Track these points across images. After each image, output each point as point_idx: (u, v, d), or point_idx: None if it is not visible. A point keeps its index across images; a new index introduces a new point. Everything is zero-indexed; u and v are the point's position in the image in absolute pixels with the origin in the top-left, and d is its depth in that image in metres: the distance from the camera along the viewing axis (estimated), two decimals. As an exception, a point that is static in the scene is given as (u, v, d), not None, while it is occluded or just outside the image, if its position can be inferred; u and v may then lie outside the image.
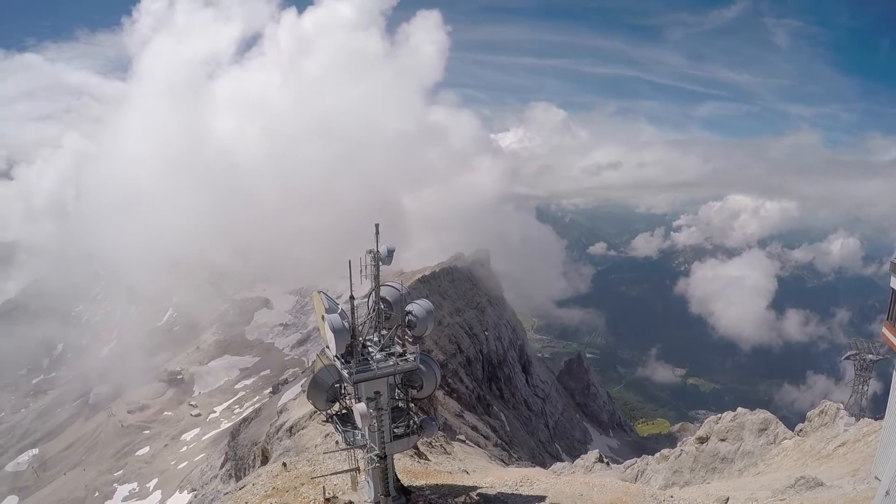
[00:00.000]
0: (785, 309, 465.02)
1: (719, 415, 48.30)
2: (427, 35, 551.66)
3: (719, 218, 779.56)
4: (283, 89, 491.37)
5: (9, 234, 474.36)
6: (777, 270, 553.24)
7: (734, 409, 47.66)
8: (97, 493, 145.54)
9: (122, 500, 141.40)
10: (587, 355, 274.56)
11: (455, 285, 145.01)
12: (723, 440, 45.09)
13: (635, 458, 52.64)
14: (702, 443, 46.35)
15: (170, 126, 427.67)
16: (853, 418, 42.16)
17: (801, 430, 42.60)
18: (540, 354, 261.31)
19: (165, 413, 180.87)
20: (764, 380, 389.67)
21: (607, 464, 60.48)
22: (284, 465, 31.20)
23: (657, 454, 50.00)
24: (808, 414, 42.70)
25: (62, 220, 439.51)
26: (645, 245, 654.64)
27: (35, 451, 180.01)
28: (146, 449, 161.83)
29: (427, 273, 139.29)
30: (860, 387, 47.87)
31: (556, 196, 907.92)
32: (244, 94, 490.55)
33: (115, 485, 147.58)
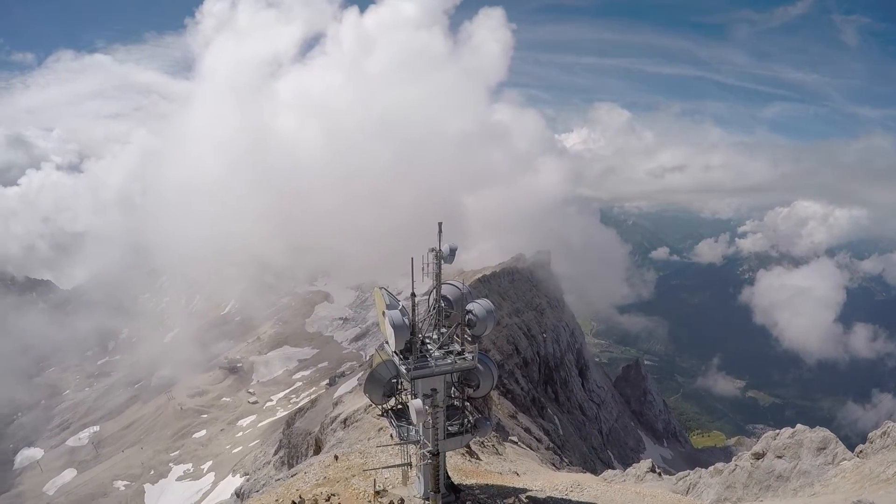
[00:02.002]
0: (852, 323, 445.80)
1: (777, 430, 46.76)
2: (491, 33, 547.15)
3: (786, 225, 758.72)
4: (345, 88, 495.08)
5: (78, 224, 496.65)
6: (846, 282, 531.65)
7: (794, 425, 46.14)
8: (153, 471, 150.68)
9: (177, 480, 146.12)
10: (645, 362, 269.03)
11: (515, 286, 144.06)
12: (779, 457, 43.60)
13: (688, 471, 51.41)
14: (758, 458, 44.88)
15: (232, 124, 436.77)
16: (918, 441, 40.36)
17: (861, 452, 40.76)
18: (597, 359, 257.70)
19: (224, 399, 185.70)
20: (827, 396, 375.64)
21: (659, 474, 59.32)
22: (336, 457, 31.74)
23: (711, 467, 48.66)
24: (870, 435, 40.82)
25: (129, 213, 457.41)
26: (709, 251, 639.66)
27: (96, 428, 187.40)
28: (203, 432, 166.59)
29: (487, 273, 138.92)
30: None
31: (619, 199, 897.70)
32: (306, 94, 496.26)
33: (170, 464, 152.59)
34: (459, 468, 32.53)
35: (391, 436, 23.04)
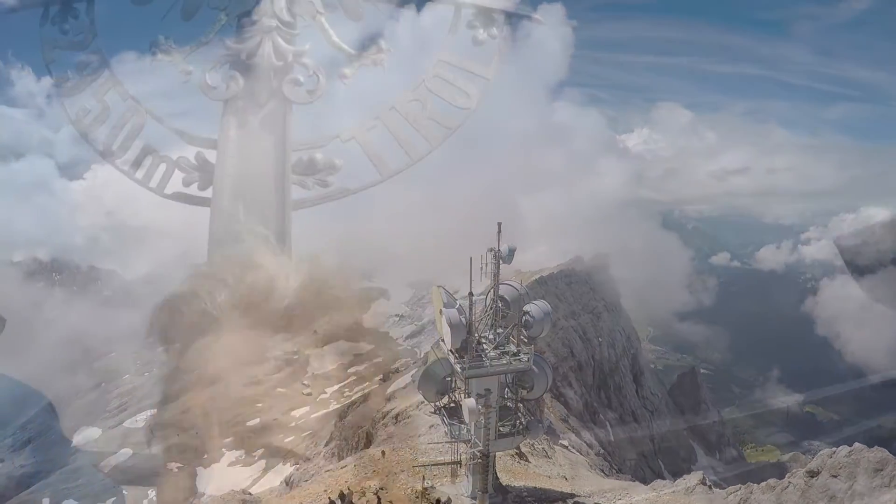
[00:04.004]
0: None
1: (834, 449, 45.18)
2: (550, 30, 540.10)
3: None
4: (401, 85, 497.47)
5: (141, 219, 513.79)
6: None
7: (852, 444, 44.51)
8: (206, 456, 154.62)
9: (228, 465, 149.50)
10: (701, 371, 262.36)
11: (572, 288, 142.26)
12: (834, 476, 42.01)
13: (739, 485, 50.15)
14: (812, 476, 43.21)
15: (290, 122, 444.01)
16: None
17: (917, 477, 39.19)
18: (653, 366, 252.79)
19: (278, 390, 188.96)
20: (889, 415, 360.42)
21: (710, 487, 57.91)
22: (383, 452, 32.13)
23: (763, 483, 47.24)
24: (929, 459, 39.07)
25: (189, 208, 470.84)
26: (770, 257, 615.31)
27: (152, 411, 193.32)
28: (256, 420, 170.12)
29: (545, 274, 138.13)
30: None
31: (679, 202, 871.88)
32: (361, 92, 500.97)
33: (222, 450, 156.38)
34: (508, 469, 32.49)
35: (446, 433, 23.16)
